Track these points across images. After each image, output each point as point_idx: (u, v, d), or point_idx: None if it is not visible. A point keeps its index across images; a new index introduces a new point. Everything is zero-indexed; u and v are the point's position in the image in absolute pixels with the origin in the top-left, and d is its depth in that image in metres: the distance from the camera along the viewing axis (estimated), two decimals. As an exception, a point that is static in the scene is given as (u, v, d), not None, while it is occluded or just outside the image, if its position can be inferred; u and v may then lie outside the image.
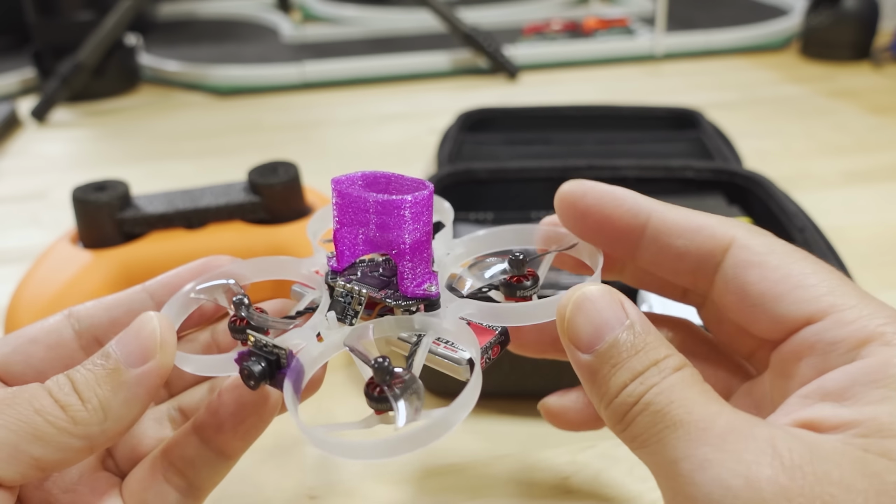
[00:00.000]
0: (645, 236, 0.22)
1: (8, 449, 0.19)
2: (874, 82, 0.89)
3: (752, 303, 0.20)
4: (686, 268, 0.22)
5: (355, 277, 0.24)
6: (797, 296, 0.19)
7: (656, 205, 0.22)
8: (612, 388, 0.18)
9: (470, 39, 0.94)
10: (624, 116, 0.67)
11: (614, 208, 0.22)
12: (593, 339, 0.19)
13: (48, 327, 0.24)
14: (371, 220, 0.23)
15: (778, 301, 0.19)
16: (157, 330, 0.21)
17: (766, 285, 0.20)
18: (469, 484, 0.35)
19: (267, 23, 1.20)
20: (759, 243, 0.20)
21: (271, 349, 0.22)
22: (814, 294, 0.19)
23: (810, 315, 0.19)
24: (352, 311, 0.23)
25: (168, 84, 0.97)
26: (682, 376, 0.18)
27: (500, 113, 0.68)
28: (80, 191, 0.44)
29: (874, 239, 0.55)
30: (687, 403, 0.17)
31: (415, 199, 0.23)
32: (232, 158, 0.74)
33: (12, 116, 0.84)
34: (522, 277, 0.24)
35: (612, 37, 1.03)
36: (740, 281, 0.20)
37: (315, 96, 0.92)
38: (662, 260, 0.22)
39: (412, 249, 0.23)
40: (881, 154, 0.70)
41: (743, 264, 0.20)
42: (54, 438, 0.19)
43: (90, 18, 0.91)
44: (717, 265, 0.21)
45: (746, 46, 1.02)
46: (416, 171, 0.68)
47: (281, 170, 0.46)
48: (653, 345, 0.19)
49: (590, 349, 0.19)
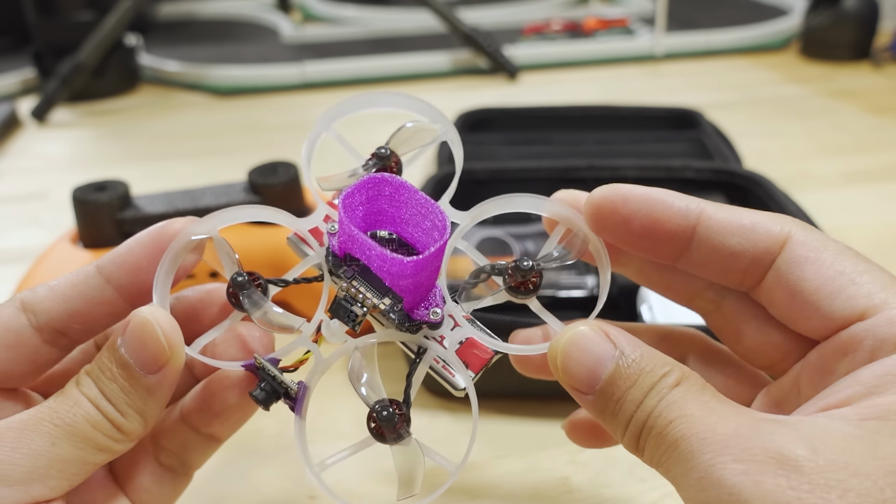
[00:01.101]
0: (696, 238, 0.21)
1: (77, 465, 0.21)
2: (874, 82, 0.89)
3: (805, 298, 0.20)
4: (739, 266, 0.21)
5: (357, 271, 0.23)
6: (851, 292, 0.19)
7: (705, 204, 0.22)
8: (621, 421, 0.19)
9: (470, 39, 0.94)
10: (624, 116, 0.67)
11: (663, 211, 0.22)
12: (590, 380, 0.19)
13: (4, 326, 0.23)
14: (375, 262, 0.22)
15: (833, 297, 0.19)
16: (161, 337, 0.21)
17: (821, 281, 0.20)
18: (469, 484, 0.35)
19: (267, 23, 1.20)
20: (815, 239, 0.20)
21: (279, 382, 0.22)
22: (867, 291, 0.19)
23: (863, 311, 0.19)
24: (354, 320, 0.23)
25: (168, 84, 0.97)
26: (680, 392, 0.18)
27: (500, 113, 0.68)
28: (80, 191, 0.44)
29: (874, 239, 0.55)
30: (686, 418, 0.18)
31: (424, 258, 0.22)
32: (232, 158, 0.74)
33: (12, 116, 0.84)
34: (527, 283, 0.23)
35: (612, 37, 1.03)
36: (796, 276, 0.20)
37: (315, 96, 0.92)
38: (714, 259, 0.21)
39: (419, 288, 0.23)
40: (881, 154, 0.70)
41: (800, 260, 0.20)
42: (109, 447, 0.21)
43: (90, 18, 0.91)
44: (772, 261, 0.21)
45: (746, 46, 1.02)
46: (417, 171, 0.68)
47: (281, 170, 0.46)
48: (647, 368, 0.19)
49: (591, 390, 0.19)
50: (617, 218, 0.22)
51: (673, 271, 0.24)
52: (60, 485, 0.20)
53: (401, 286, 0.22)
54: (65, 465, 0.20)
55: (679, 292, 0.24)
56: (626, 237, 0.22)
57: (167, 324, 0.22)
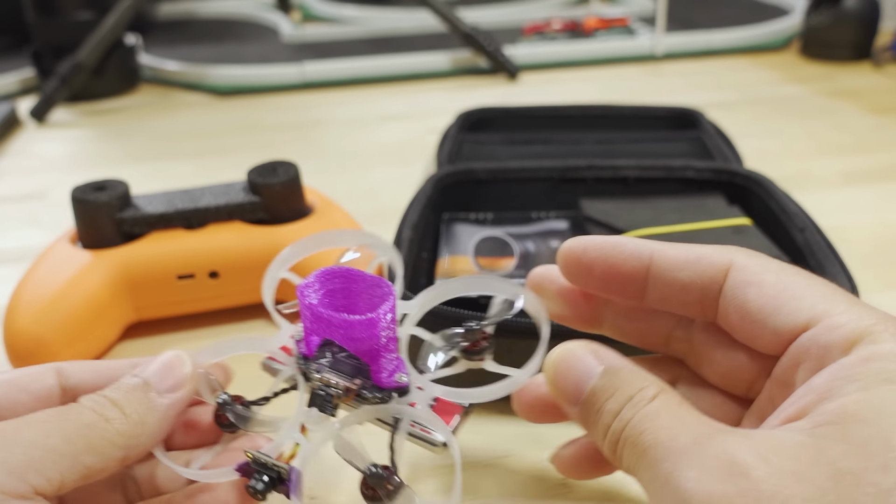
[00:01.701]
0: (650, 276, 0.24)
1: (69, 459, 0.21)
2: (874, 82, 0.89)
3: (752, 318, 0.21)
4: (693, 297, 0.23)
5: (327, 362, 0.25)
6: (792, 307, 0.20)
7: (656, 245, 0.24)
8: (600, 430, 0.20)
9: (470, 39, 0.94)
10: (624, 116, 0.67)
11: (617, 255, 0.24)
12: (576, 393, 0.21)
13: (38, 378, 0.25)
14: (338, 332, 0.25)
15: (776, 313, 0.21)
16: (188, 368, 0.25)
17: (764, 300, 0.21)
18: (469, 484, 0.35)
19: (267, 23, 1.20)
20: (755, 264, 0.22)
21: (272, 466, 0.24)
22: (807, 303, 0.20)
23: (806, 322, 0.20)
24: (331, 405, 0.25)
25: (168, 84, 0.97)
26: (655, 405, 0.19)
27: (499, 113, 0.68)
28: (79, 191, 0.44)
29: (874, 239, 0.55)
30: (655, 429, 0.19)
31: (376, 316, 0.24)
32: (232, 158, 0.74)
33: (12, 116, 0.84)
34: (478, 343, 0.25)
35: (612, 37, 1.03)
36: (740, 300, 0.22)
37: (315, 96, 0.92)
38: (671, 294, 0.23)
39: (380, 349, 0.25)
40: (881, 154, 0.70)
41: (742, 284, 0.22)
42: (103, 450, 0.22)
43: (90, 18, 0.91)
44: (720, 289, 0.22)
45: (746, 46, 1.02)
46: (416, 171, 0.68)
47: (281, 170, 0.46)
48: (627, 381, 0.20)
49: (576, 402, 0.21)
50: (581, 267, 0.25)
51: (643, 319, 0.26)
52: (54, 478, 0.21)
53: (363, 351, 0.25)
54: (58, 457, 0.21)
55: (653, 339, 0.26)
56: (592, 282, 0.25)
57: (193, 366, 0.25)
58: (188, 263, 0.44)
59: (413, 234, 0.44)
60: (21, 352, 0.40)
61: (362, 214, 0.52)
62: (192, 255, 0.44)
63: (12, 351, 0.40)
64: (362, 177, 0.68)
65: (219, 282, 0.44)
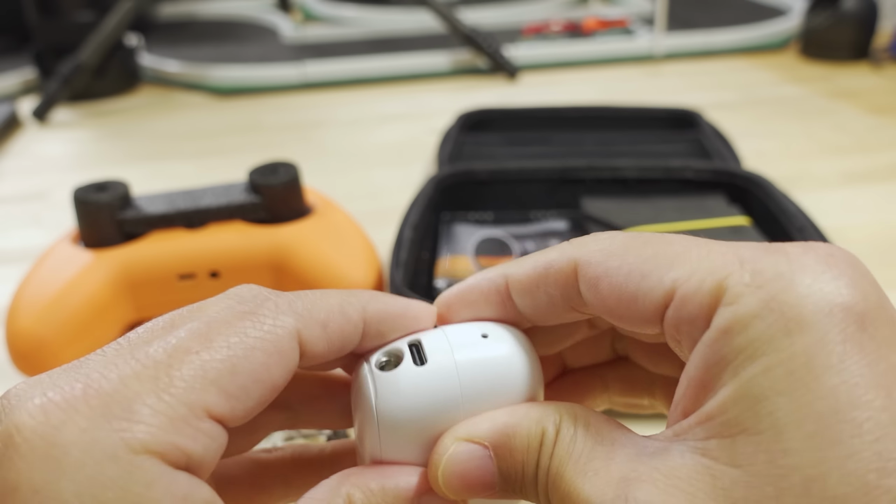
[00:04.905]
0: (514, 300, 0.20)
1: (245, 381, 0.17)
2: (873, 82, 0.89)
3: (619, 315, 0.18)
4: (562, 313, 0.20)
5: None
6: (645, 288, 0.17)
7: (508, 268, 0.21)
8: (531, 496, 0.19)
9: (470, 39, 0.94)
10: (623, 117, 0.68)
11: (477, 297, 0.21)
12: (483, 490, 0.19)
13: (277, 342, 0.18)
14: None
15: (635, 302, 0.18)
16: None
17: (618, 292, 0.18)
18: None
19: (267, 23, 1.20)
20: (597, 251, 0.19)
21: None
22: (656, 279, 0.17)
23: (662, 299, 0.17)
24: None
25: (168, 84, 0.97)
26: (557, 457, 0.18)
27: (499, 113, 0.68)
28: (80, 191, 0.44)
29: (873, 239, 0.55)
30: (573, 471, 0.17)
31: None
32: (232, 158, 0.74)
33: (13, 117, 0.84)
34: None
35: (612, 37, 1.03)
36: (599, 300, 0.18)
37: (315, 96, 0.92)
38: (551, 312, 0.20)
39: None
40: (881, 154, 0.70)
41: (593, 283, 0.18)
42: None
43: (91, 19, 0.91)
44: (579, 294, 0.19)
45: (746, 47, 1.02)
46: (416, 172, 0.68)
47: (281, 170, 0.46)
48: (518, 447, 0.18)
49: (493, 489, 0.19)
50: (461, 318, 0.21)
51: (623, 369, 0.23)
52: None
53: None
54: None
55: (636, 385, 0.23)
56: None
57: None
58: (189, 263, 0.44)
59: (413, 234, 0.44)
60: (23, 351, 0.40)
61: (362, 214, 0.52)
62: (193, 255, 0.44)
63: (14, 350, 0.40)
64: (362, 177, 0.68)
65: (220, 281, 0.44)
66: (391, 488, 0.19)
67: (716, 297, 0.16)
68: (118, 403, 0.15)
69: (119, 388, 0.16)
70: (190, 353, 0.16)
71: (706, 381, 0.16)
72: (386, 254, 0.45)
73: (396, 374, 0.19)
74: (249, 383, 0.17)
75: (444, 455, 0.19)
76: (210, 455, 0.16)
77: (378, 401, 0.19)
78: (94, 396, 0.16)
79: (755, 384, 0.15)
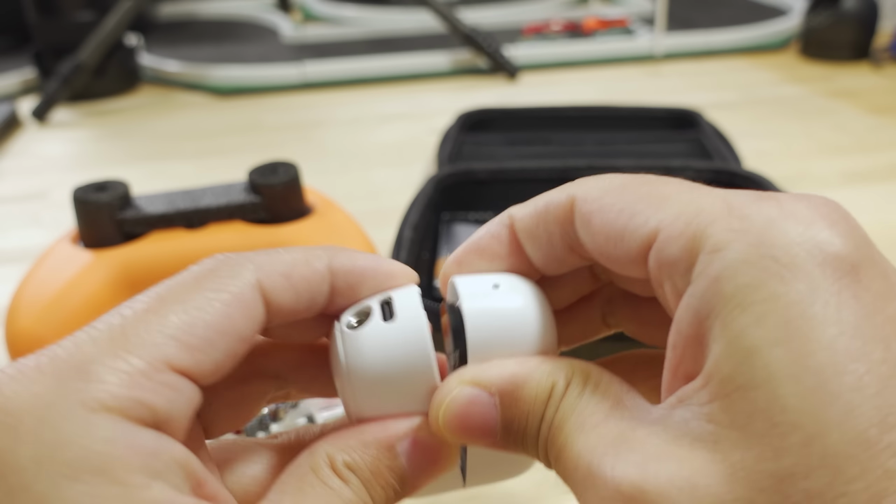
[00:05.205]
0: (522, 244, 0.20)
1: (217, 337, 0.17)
2: (874, 82, 0.89)
3: (608, 254, 0.18)
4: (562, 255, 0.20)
5: None
6: (632, 225, 0.17)
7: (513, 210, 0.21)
8: (530, 448, 0.18)
9: (470, 39, 0.94)
10: (623, 117, 0.68)
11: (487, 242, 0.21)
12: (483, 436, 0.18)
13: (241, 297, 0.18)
14: None
15: (622, 240, 0.17)
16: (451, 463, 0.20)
17: (608, 229, 0.18)
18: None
19: (267, 23, 1.20)
20: (594, 188, 0.18)
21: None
22: (643, 218, 0.17)
23: (647, 238, 0.17)
24: None
25: (168, 84, 0.97)
26: (563, 409, 0.17)
27: (499, 113, 0.68)
28: (80, 191, 0.44)
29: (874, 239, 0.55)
30: (564, 441, 0.17)
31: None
32: (232, 158, 0.74)
33: (13, 116, 0.84)
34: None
35: (612, 37, 1.03)
36: (591, 237, 0.18)
37: (315, 96, 0.92)
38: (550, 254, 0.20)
39: None
40: (881, 154, 0.70)
41: (586, 218, 0.18)
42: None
43: (90, 19, 0.91)
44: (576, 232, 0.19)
45: (746, 47, 1.02)
46: (416, 172, 0.68)
47: (281, 170, 0.46)
48: (527, 397, 0.18)
49: (493, 438, 0.18)
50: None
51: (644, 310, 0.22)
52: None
53: None
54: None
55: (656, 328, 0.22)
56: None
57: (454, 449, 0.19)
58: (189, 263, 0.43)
59: (413, 235, 0.44)
60: (23, 351, 0.40)
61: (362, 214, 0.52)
62: (193, 255, 0.43)
63: (14, 350, 0.40)
64: (362, 177, 0.68)
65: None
66: (370, 441, 0.18)
67: (698, 241, 0.15)
68: (73, 367, 0.15)
69: (74, 353, 0.15)
70: (148, 313, 0.16)
71: (699, 335, 0.15)
72: (386, 254, 0.45)
73: (363, 332, 0.19)
74: (212, 335, 0.16)
75: (448, 396, 0.18)
76: (178, 410, 0.16)
77: (347, 360, 0.19)
78: (48, 364, 0.15)
79: (748, 335, 0.14)
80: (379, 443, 0.18)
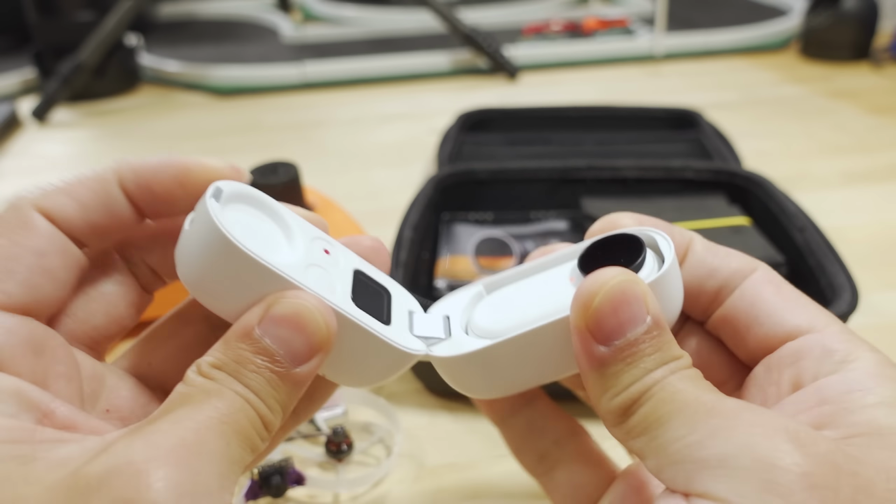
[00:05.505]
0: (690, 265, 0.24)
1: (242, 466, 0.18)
2: (874, 82, 0.89)
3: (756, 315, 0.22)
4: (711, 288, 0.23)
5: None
6: (799, 311, 0.21)
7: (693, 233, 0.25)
8: (622, 382, 0.19)
9: (470, 39, 0.94)
10: (623, 117, 0.68)
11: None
12: (615, 332, 0.19)
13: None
14: None
15: (782, 314, 0.21)
16: (323, 327, 0.19)
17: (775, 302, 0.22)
18: (469, 484, 0.35)
19: (267, 23, 1.20)
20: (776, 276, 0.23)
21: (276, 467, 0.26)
22: (809, 313, 0.21)
23: (808, 326, 0.21)
24: None
25: (168, 84, 0.97)
26: (690, 374, 0.19)
27: (499, 113, 0.68)
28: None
29: (874, 239, 0.55)
30: (694, 391, 0.18)
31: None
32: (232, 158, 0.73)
33: (13, 116, 0.84)
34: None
35: (612, 37, 1.03)
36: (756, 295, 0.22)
37: (315, 96, 0.92)
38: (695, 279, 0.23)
39: None
40: (880, 154, 0.70)
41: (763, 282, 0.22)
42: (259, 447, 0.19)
43: (90, 19, 0.91)
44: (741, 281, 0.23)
45: (746, 47, 1.02)
46: (416, 172, 0.68)
47: (281, 170, 0.46)
48: (668, 345, 0.19)
49: (608, 341, 0.19)
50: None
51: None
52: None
53: None
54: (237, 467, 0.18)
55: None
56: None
57: (330, 317, 0.19)
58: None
59: (413, 235, 0.44)
60: None
61: (362, 214, 0.52)
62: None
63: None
64: (362, 177, 0.68)
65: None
66: (229, 336, 0.19)
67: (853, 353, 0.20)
68: None
69: None
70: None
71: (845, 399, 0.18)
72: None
73: (181, 237, 0.20)
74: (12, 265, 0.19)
75: (610, 282, 0.19)
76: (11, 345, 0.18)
77: (178, 267, 0.20)
78: None
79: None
80: (235, 334, 0.19)
